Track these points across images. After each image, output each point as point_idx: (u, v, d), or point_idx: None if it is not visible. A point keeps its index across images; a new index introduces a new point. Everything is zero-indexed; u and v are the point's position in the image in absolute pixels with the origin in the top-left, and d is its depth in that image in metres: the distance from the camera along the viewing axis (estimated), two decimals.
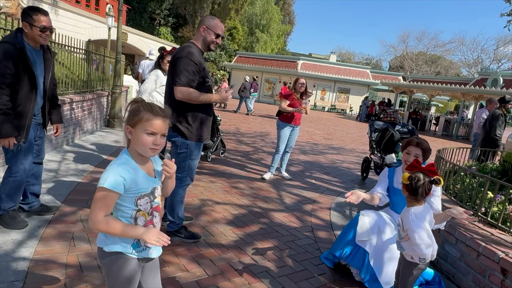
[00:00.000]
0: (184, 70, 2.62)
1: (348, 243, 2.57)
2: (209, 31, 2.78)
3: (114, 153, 5.57)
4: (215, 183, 4.72)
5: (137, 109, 1.39)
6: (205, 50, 2.84)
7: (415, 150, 2.61)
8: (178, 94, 2.64)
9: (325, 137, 11.79)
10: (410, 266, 2.07)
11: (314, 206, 4.34)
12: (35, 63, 2.66)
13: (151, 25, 31.83)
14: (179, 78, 2.62)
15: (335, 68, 27.91)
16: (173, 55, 2.74)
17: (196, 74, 2.68)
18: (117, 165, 1.37)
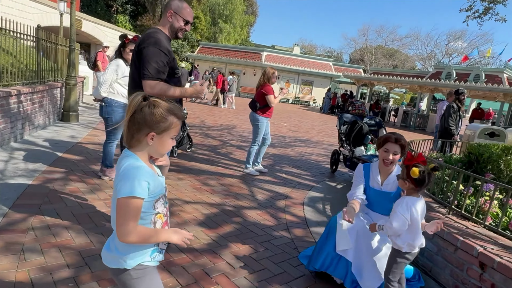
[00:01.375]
0: (152, 61, 2.35)
1: (329, 254, 2.45)
2: (177, 17, 2.50)
3: (71, 149, 5.12)
4: (183, 180, 4.46)
5: (163, 115, 1.27)
6: (172, 37, 2.56)
7: (393, 147, 2.50)
8: (147, 88, 2.36)
9: (292, 129, 11.78)
10: (394, 253, 2.17)
11: (287, 202, 4.22)
12: None
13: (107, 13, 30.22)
14: (147, 71, 2.34)
15: (298, 60, 28.11)
16: (138, 44, 2.45)
17: (166, 65, 2.41)
18: (136, 169, 1.24)
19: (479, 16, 8.02)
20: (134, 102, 1.25)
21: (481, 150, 3.85)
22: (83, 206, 3.27)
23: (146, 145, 1.29)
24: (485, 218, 2.80)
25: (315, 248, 2.60)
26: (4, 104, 4.72)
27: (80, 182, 3.89)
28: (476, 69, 19.73)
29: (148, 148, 1.30)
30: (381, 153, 2.55)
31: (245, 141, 8.14)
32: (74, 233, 2.75)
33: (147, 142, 1.28)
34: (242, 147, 7.28)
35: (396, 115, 21.74)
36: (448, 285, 2.66)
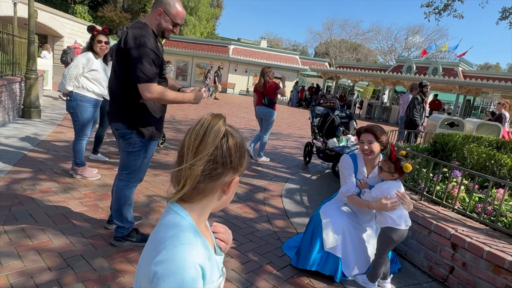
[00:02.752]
0: (145, 61, 2.16)
1: (318, 253, 2.52)
2: (166, 18, 2.31)
3: (36, 147, 4.86)
4: (159, 177, 4.39)
5: (243, 148, 0.86)
6: (158, 35, 2.37)
7: (366, 136, 2.60)
8: (146, 93, 2.19)
9: None
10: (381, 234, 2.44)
11: (266, 194, 4.28)
12: None
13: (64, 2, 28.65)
14: (141, 73, 2.16)
15: (266, 54, 28.18)
16: (124, 41, 2.22)
17: (157, 66, 2.26)
18: (190, 246, 0.76)
19: (439, 12, 8.45)
20: (214, 132, 0.79)
21: (446, 139, 4.10)
22: (57, 207, 3.13)
23: (214, 198, 0.86)
24: (454, 203, 3.00)
25: (300, 246, 2.65)
26: None
27: (51, 181, 3.71)
28: (434, 63, 20.78)
29: (215, 203, 0.88)
30: (359, 146, 2.66)
31: None
32: (51, 234, 2.64)
33: (220, 193, 0.87)
34: None
35: (361, 107, 22.48)
36: (422, 266, 2.84)
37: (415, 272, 2.82)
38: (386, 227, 2.36)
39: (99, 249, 2.52)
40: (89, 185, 3.79)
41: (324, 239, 2.53)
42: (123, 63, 2.26)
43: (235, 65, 26.60)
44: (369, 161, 2.65)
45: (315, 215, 2.73)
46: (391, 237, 2.32)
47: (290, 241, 3.05)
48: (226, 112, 13.28)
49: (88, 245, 2.56)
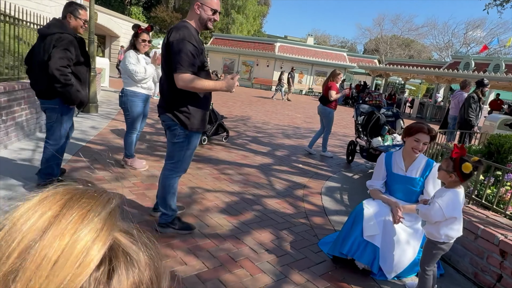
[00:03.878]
0: (183, 54, 2.35)
1: (356, 239, 2.50)
2: (204, 7, 2.50)
3: (93, 139, 5.27)
4: (202, 170, 4.57)
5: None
6: (201, 29, 2.56)
7: (425, 137, 2.56)
8: (179, 82, 2.38)
9: (306, 120, 11.77)
10: (430, 244, 2.18)
11: (305, 191, 4.29)
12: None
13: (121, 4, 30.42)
14: (179, 64, 2.35)
15: (312, 51, 27.83)
16: (167, 37, 2.45)
17: (196, 58, 2.42)
18: None
19: (501, 4, 7.82)
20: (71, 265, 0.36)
21: (502, 140, 3.83)
22: None
23: None
24: (506, 208, 2.81)
25: (339, 234, 2.66)
26: (30, 95, 4.88)
27: (105, 170, 4.02)
28: (496, 59, 19.23)
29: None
30: (410, 142, 2.59)
31: (260, 132, 8.20)
32: None
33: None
34: (257, 138, 7.35)
35: (411, 106, 21.44)
36: (467, 272, 2.70)
37: (459, 278, 2.69)
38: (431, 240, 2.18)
39: (144, 234, 2.71)
40: (138, 175, 4.06)
41: (364, 226, 2.51)
42: (167, 57, 2.45)
43: (281, 63, 26.56)
44: (409, 156, 2.61)
45: (359, 205, 2.72)
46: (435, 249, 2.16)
47: (326, 238, 3.05)
48: (270, 109, 13.38)
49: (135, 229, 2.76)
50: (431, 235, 2.15)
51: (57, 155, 3.28)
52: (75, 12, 3.14)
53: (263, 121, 10.12)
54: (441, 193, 2.08)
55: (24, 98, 4.70)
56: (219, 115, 6.32)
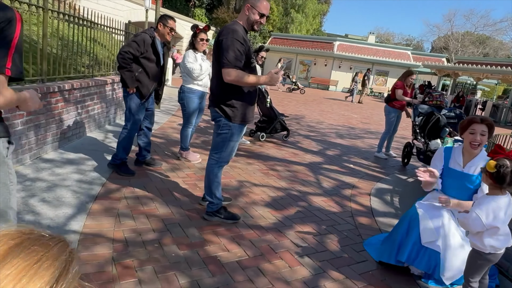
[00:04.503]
0: (230, 49, 2.53)
1: (414, 246, 2.41)
2: (253, 10, 2.64)
3: (154, 133, 5.68)
4: (252, 165, 4.71)
5: None
6: (248, 29, 2.72)
7: (479, 127, 2.42)
8: (225, 76, 2.56)
9: (362, 121, 11.43)
10: (474, 254, 2.02)
11: (353, 191, 4.22)
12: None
13: (186, 7, 31.95)
14: (225, 59, 2.53)
15: (373, 50, 26.78)
16: (218, 35, 2.66)
17: (242, 54, 2.58)
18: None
19: None
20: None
21: None
22: (165, 182, 3.68)
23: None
24: None
25: (393, 240, 2.56)
26: (101, 91, 5.42)
27: (162, 161, 4.34)
28: None
29: None
30: (467, 136, 2.47)
31: (312, 131, 8.16)
32: (158, 203, 3.14)
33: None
34: (309, 137, 7.33)
35: (483, 108, 19.67)
36: None
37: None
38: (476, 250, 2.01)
39: (193, 220, 2.91)
40: (192, 167, 4.31)
41: (422, 232, 2.42)
42: (217, 54, 2.63)
43: (339, 62, 25.97)
44: (468, 152, 2.47)
45: (411, 210, 2.63)
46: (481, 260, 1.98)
47: (372, 239, 3.00)
48: (326, 109, 13.20)
49: (185, 216, 2.97)
50: (475, 246, 1.98)
51: (125, 140, 3.73)
52: (164, 21, 3.67)
53: (317, 120, 10.04)
54: (481, 201, 1.92)
55: (96, 94, 5.23)
56: (279, 113, 6.42)
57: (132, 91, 3.66)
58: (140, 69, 3.63)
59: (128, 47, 3.55)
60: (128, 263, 2.21)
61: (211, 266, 2.30)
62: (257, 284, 2.18)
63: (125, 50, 3.53)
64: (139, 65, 3.61)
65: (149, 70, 3.67)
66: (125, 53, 3.53)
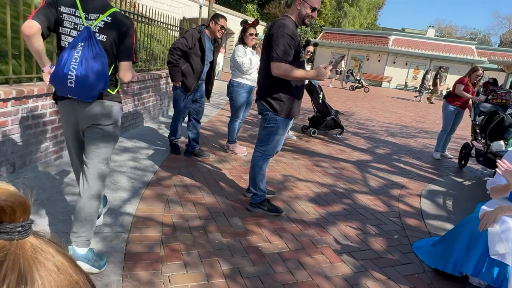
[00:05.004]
0: (280, 44, 2.55)
1: (481, 258, 2.25)
2: (305, 4, 2.64)
3: (203, 126, 5.89)
4: (297, 160, 4.71)
5: None
6: (299, 24, 2.72)
7: None
8: (274, 69, 2.59)
9: (417, 119, 10.85)
10: None
11: (402, 192, 4.06)
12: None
13: (238, 3, 32.35)
14: (275, 53, 2.56)
15: (432, 44, 25.16)
16: (268, 30, 2.69)
17: (292, 49, 2.60)
18: None
19: None
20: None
21: None
22: (212, 173, 3.81)
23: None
24: None
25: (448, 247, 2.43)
26: (156, 84, 5.72)
27: (210, 153, 4.49)
28: None
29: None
30: None
31: (361, 128, 7.93)
32: (204, 192, 3.27)
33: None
34: (358, 134, 7.13)
35: None
36: None
37: None
38: None
39: (237, 211, 3.00)
40: (238, 159, 4.42)
41: (490, 243, 2.24)
42: (267, 47, 2.67)
43: (394, 57, 24.79)
44: None
45: (474, 216, 2.46)
46: None
47: (421, 242, 2.87)
48: (377, 106, 12.72)
49: (229, 206, 3.07)
50: None
51: (172, 127, 4.22)
52: (216, 19, 3.92)
53: (367, 117, 9.72)
54: None
55: (152, 87, 5.53)
56: (333, 110, 6.35)
57: (178, 84, 3.94)
58: (186, 64, 3.89)
59: (177, 43, 3.81)
60: (175, 246, 2.34)
61: (252, 255, 2.37)
62: (297, 276, 2.21)
63: (174, 46, 3.80)
64: (186, 59, 3.88)
65: (194, 64, 3.90)
66: (174, 49, 3.79)
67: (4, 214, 0.28)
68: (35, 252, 0.29)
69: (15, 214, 0.29)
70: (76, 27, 1.89)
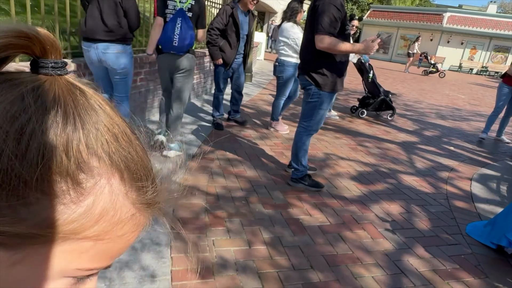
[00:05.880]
0: (325, 15, 2.46)
1: None
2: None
3: (245, 104, 5.96)
4: (340, 139, 4.64)
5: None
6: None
7: None
8: (318, 43, 2.51)
9: (471, 102, 10.16)
10: None
11: (451, 174, 3.87)
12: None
13: None
14: (320, 25, 2.48)
15: (493, 21, 23.13)
16: (313, 1, 2.61)
17: (337, 21, 2.50)
18: None
19: None
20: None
21: None
22: (253, 148, 3.87)
23: None
24: None
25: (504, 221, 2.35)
26: (200, 62, 5.83)
27: (252, 130, 4.55)
28: None
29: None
30: None
31: (409, 110, 7.58)
32: (246, 166, 3.34)
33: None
34: (405, 116, 6.84)
35: None
36: None
37: None
38: None
39: (278, 184, 3.04)
40: (279, 137, 4.44)
41: None
42: (312, 20, 2.59)
43: (449, 36, 23.15)
44: None
45: None
46: None
47: (474, 225, 2.73)
48: (426, 88, 12.05)
49: (271, 180, 3.12)
50: None
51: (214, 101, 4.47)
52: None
53: (416, 99, 9.26)
54: None
55: (197, 65, 5.65)
56: (384, 90, 6.13)
57: (218, 62, 4.08)
58: (223, 41, 4.01)
59: (214, 23, 3.93)
60: (219, 214, 2.44)
61: (292, 226, 2.41)
62: (337, 249, 2.22)
63: (212, 27, 3.92)
64: (223, 36, 3.99)
65: (231, 39, 4.03)
66: (212, 29, 3.91)
67: (34, 47, 0.26)
68: (70, 87, 0.27)
69: (46, 51, 0.26)
70: (174, 7, 3.03)
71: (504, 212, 2.48)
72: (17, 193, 0.23)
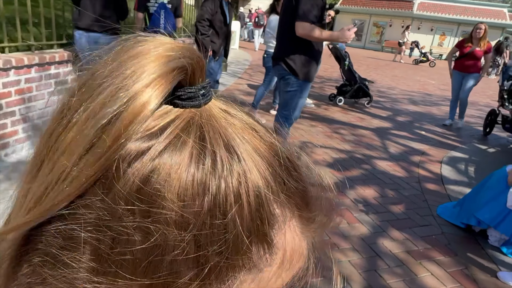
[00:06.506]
0: (309, 4, 2.44)
1: (497, 207, 2.28)
2: None
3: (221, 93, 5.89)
4: (315, 127, 4.69)
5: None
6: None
7: None
8: (299, 29, 2.48)
9: (440, 87, 10.49)
10: None
11: (423, 158, 4.00)
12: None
13: None
14: (303, 12, 2.45)
15: (460, 8, 23.82)
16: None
17: (319, 10, 2.49)
18: None
19: None
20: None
21: None
22: None
23: None
24: None
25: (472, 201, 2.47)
26: None
27: None
28: None
29: None
30: None
31: (382, 96, 7.75)
32: None
33: None
34: (379, 102, 6.98)
35: None
36: None
37: None
38: None
39: None
40: None
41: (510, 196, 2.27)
42: (289, 8, 2.54)
43: (419, 23, 23.69)
44: None
45: (499, 172, 2.46)
46: None
47: (444, 206, 2.84)
48: (398, 74, 12.33)
49: None
50: None
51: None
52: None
53: (388, 85, 9.47)
54: None
55: None
56: (360, 77, 6.18)
57: (210, 52, 3.94)
58: (211, 30, 3.87)
59: (204, 14, 3.78)
60: None
61: None
62: None
63: (203, 18, 3.77)
64: (211, 26, 3.85)
65: (219, 30, 3.90)
66: (203, 20, 3.76)
67: (185, 75, 0.21)
68: (226, 116, 0.23)
69: (195, 75, 0.22)
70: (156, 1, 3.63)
71: (472, 193, 2.60)
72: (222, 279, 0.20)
